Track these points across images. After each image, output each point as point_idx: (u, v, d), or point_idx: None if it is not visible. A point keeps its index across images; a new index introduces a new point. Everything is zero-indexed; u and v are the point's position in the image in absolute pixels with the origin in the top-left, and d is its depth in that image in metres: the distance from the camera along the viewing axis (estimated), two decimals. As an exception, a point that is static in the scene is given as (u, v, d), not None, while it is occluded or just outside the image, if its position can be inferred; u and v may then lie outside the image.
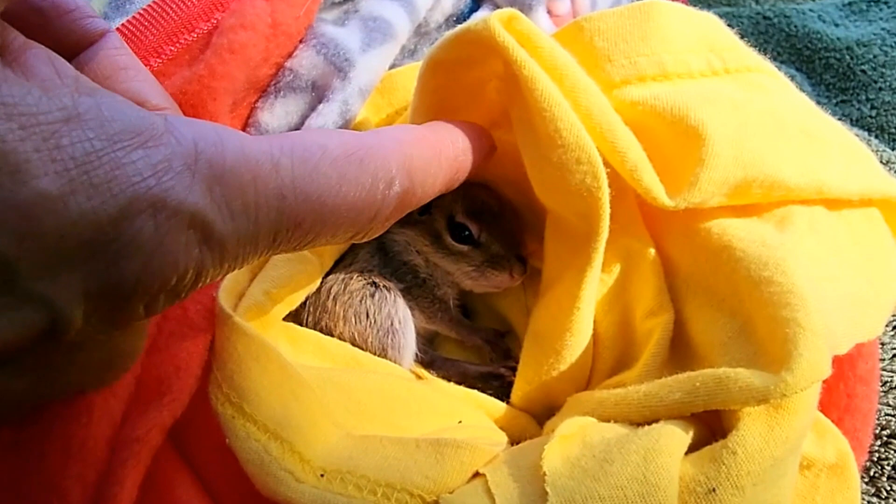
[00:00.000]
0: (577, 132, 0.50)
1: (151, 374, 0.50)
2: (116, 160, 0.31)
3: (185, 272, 0.35)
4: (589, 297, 0.56)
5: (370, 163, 0.42)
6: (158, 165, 0.33)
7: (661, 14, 0.56)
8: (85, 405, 0.46)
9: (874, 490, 0.61)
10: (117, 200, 0.31)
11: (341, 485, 0.47)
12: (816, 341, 0.43)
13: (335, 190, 0.40)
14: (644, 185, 0.53)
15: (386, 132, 0.46)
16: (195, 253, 0.35)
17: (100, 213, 0.31)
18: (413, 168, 0.45)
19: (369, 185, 0.42)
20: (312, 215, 0.40)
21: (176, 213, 0.33)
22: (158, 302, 0.36)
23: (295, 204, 0.38)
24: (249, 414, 0.48)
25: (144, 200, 0.32)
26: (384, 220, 0.45)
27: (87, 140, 0.31)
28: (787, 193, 0.54)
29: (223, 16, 0.63)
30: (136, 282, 0.33)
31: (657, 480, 0.42)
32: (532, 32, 0.51)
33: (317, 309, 0.64)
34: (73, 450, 0.45)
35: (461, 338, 0.69)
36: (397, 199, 0.44)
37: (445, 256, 0.67)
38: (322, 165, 0.40)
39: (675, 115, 0.53)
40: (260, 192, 0.37)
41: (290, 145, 0.39)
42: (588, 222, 0.54)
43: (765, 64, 0.59)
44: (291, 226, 0.39)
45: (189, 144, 0.34)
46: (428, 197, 0.48)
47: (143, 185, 0.32)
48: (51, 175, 0.30)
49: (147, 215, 0.32)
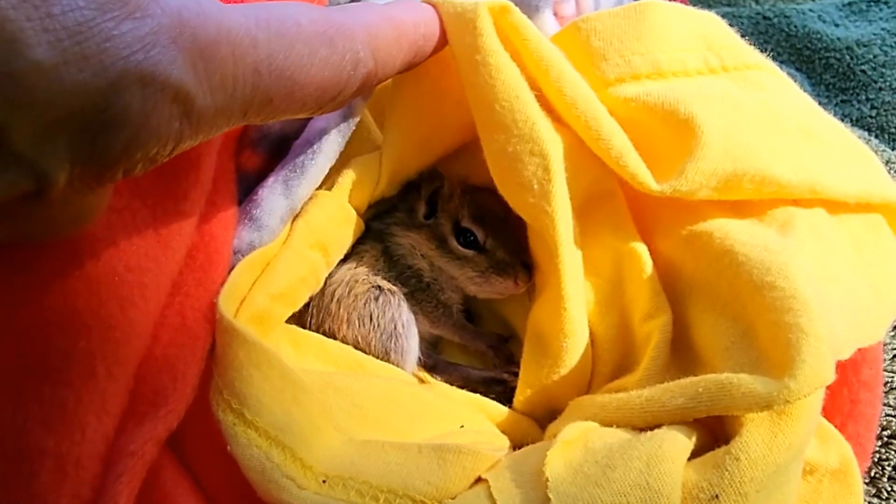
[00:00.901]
0: (532, 125, 0.52)
1: (147, 384, 0.49)
2: (107, 31, 0.32)
3: (166, 142, 0.36)
4: (574, 297, 0.56)
5: (339, 42, 0.44)
6: (146, 38, 0.33)
7: (657, 14, 0.57)
8: (78, 423, 0.45)
9: (875, 490, 0.61)
10: (108, 73, 0.32)
11: (343, 491, 0.47)
12: (820, 347, 0.43)
13: (306, 68, 0.42)
14: (630, 171, 0.54)
15: (352, 10, 0.47)
16: (176, 126, 0.36)
17: (91, 84, 0.31)
18: (377, 48, 0.47)
19: (337, 64, 0.44)
20: (283, 91, 0.41)
21: (163, 87, 0.34)
22: (137, 168, 0.37)
23: (269, 80, 0.40)
24: (251, 420, 0.48)
25: (134, 74, 0.33)
26: (347, 97, 0.47)
27: (78, 9, 0.31)
28: (780, 190, 0.54)
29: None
30: (122, 151, 0.34)
31: (660, 486, 0.42)
32: (521, 24, 0.53)
33: (320, 311, 0.64)
34: (67, 468, 0.45)
35: (465, 342, 0.69)
36: (361, 79, 0.47)
37: (450, 261, 0.67)
38: (296, 42, 0.41)
39: (667, 109, 0.54)
40: (238, 67, 0.38)
41: (266, 19, 0.40)
42: (541, 221, 0.55)
43: (765, 62, 0.59)
44: (263, 101, 0.40)
45: (174, 15, 0.35)
46: (386, 77, 0.50)
47: (133, 58, 0.32)
48: (44, 45, 0.30)
49: (136, 89, 0.33)
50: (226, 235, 0.57)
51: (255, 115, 0.41)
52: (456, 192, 0.67)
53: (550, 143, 0.53)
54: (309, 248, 0.59)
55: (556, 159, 0.53)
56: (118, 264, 0.47)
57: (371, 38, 0.47)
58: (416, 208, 0.68)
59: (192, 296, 0.53)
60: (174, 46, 0.34)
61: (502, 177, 0.55)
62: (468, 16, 0.52)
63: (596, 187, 0.56)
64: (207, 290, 0.54)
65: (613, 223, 0.59)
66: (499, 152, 0.54)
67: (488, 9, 0.52)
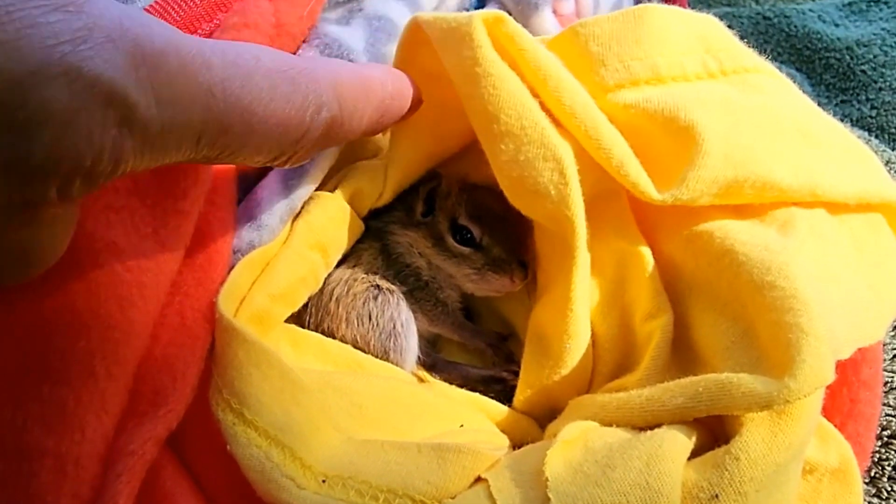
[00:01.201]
0: (542, 130, 0.52)
1: (147, 384, 0.49)
2: (30, 18, 0.30)
3: (101, 153, 0.34)
4: (581, 298, 0.56)
5: (302, 82, 0.43)
6: (78, 32, 0.31)
7: (655, 18, 0.57)
8: (77, 423, 0.45)
9: (875, 490, 0.61)
10: (27, 62, 0.30)
11: (343, 490, 0.47)
12: (820, 347, 0.43)
13: (266, 101, 0.40)
14: (631, 179, 0.53)
15: (319, 60, 0.47)
16: (112, 133, 0.34)
17: (6, 73, 0.30)
18: (343, 97, 0.46)
19: (299, 104, 0.43)
20: (240, 122, 0.39)
21: (93, 85, 0.32)
22: (73, 185, 0.34)
23: (224, 105, 0.38)
24: (250, 420, 0.48)
25: (58, 66, 0.31)
26: (310, 144, 0.45)
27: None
28: (780, 194, 0.54)
29: (225, 16, 0.62)
30: (47, 155, 0.32)
31: (660, 486, 0.42)
32: (517, 34, 0.53)
33: (319, 311, 0.64)
34: (66, 468, 0.45)
35: (464, 341, 0.69)
36: (325, 125, 0.45)
37: (447, 259, 0.67)
38: (254, 74, 0.40)
39: (667, 116, 0.53)
40: (189, 84, 0.36)
41: (222, 48, 0.39)
42: (561, 224, 0.55)
43: (764, 64, 0.59)
44: (219, 129, 0.39)
45: (114, 19, 0.33)
46: (354, 132, 0.49)
47: (59, 49, 0.31)
48: None
49: (60, 83, 0.31)
50: (225, 235, 0.57)
51: (209, 146, 0.39)
52: (454, 190, 0.67)
53: (562, 147, 0.53)
54: (309, 248, 0.60)
55: (569, 163, 0.53)
56: (117, 264, 0.47)
57: (336, 84, 0.46)
58: (414, 207, 0.68)
59: (191, 295, 0.53)
60: (111, 46, 0.33)
61: (515, 186, 0.55)
62: (464, 29, 0.52)
63: (599, 188, 0.56)
64: (207, 290, 0.54)
65: (616, 223, 0.59)
66: (509, 162, 0.53)
67: (482, 20, 0.52)
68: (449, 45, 0.54)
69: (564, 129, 0.54)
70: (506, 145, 0.53)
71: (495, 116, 0.52)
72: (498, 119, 0.52)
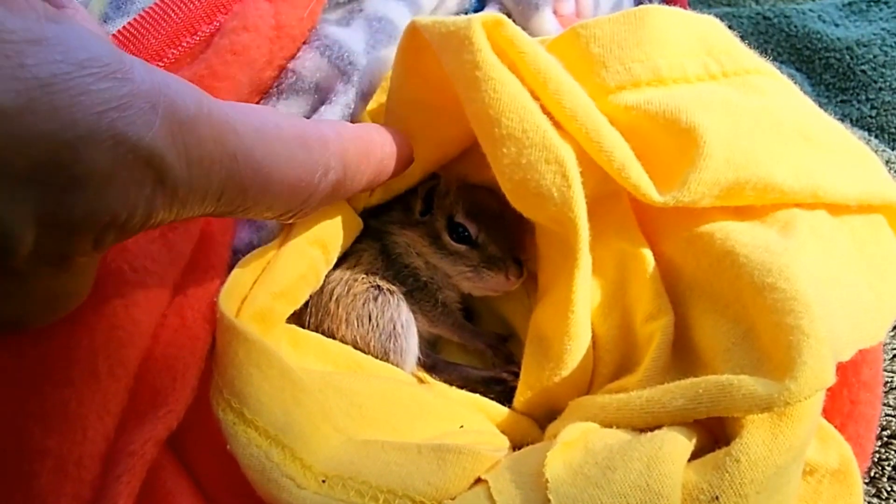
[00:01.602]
0: (544, 133, 0.52)
1: (147, 385, 0.49)
2: (83, 86, 0.32)
3: (136, 209, 0.36)
4: (582, 299, 0.56)
5: (315, 149, 0.47)
6: (124, 98, 0.33)
7: (656, 19, 0.57)
8: (79, 423, 0.45)
9: (875, 490, 0.61)
10: (78, 127, 0.32)
11: (343, 491, 0.47)
12: (820, 349, 0.43)
13: (283, 167, 0.44)
14: (632, 182, 0.53)
15: (328, 124, 0.50)
16: (147, 192, 0.36)
17: (59, 136, 0.31)
18: (348, 161, 0.50)
19: (311, 169, 0.46)
20: (258, 185, 0.42)
21: (135, 149, 0.34)
22: (108, 237, 0.36)
23: (246, 169, 0.41)
24: (250, 420, 0.48)
25: (106, 132, 0.32)
26: (315, 203, 0.49)
27: (55, 62, 0.31)
28: (782, 196, 0.54)
29: (225, 18, 0.62)
30: (89, 212, 0.34)
31: (660, 488, 0.42)
32: (516, 37, 0.53)
33: (319, 311, 0.64)
34: (68, 468, 0.45)
35: (463, 341, 0.69)
36: (330, 187, 0.49)
37: (444, 257, 0.67)
38: (276, 141, 0.43)
39: (668, 118, 0.53)
40: (217, 149, 0.39)
41: (247, 114, 0.42)
42: (565, 226, 0.55)
43: (765, 66, 0.59)
44: (238, 190, 0.41)
45: (155, 85, 0.35)
46: (353, 190, 0.53)
47: (107, 115, 0.32)
48: (10, 93, 0.30)
49: (107, 147, 0.33)
50: (224, 236, 0.57)
51: (227, 203, 0.42)
52: (452, 189, 0.67)
53: (564, 149, 0.53)
54: (309, 244, 0.59)
55: (571, 165, 0.53)
56: (123, 264, 0.48)
57: (343, 150, 0.49)
58: (412, 206, 0.68)
59: (191, 296, 0.53)
60: (152, 111, 0.35)
61: (518, 189, 0.54)
62: (463, 33, 0.52)
63: (601, 190, 0.56)
64: (207, 290, 0.54)
65: (618, 225, 0.59)
66: (512, 165, 0.53)
67: (482, 23, 0.52)
68: (448, 49, 0.54)
69: (565, 131, 0.54)
70: (507, 149, 0.53)
71: (496, 120, 0.52)
72: (499, 122, 0.52)
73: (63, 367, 0.45)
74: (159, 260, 0.50)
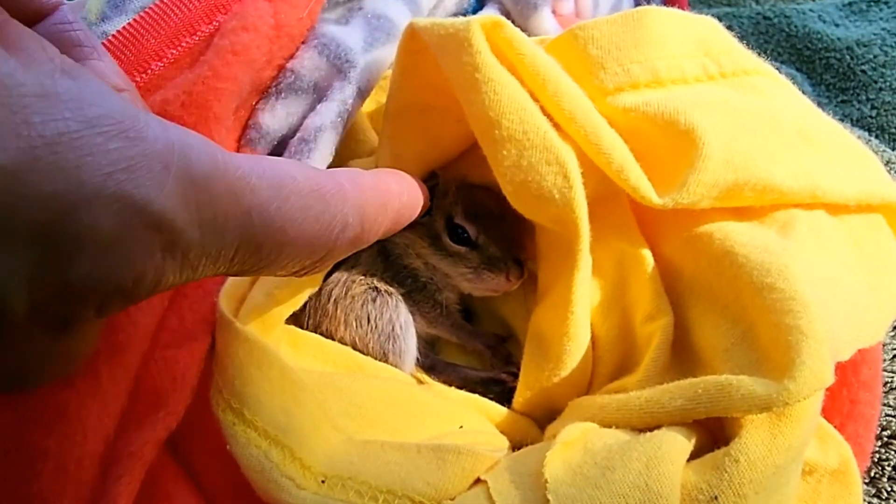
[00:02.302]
0: (544, 134, 0.52)
1: (147, 387, 0.49)
2: (91, 146, 0.30)
3: (143, 276, 0.34)
4: (582, 300, 0.56)
5: (332, 202, 0.43)
6: (133, 160, 0.31)
7: (654, 21, 0.56)
8: (79, 424, 0.45)
9: (875, 491, 0.61)
10: (82, 189, 0.30)
11: (342, 491, 0.47)
12: (819, 349, 0.43)
13: (298, 222, 0.41)
14: (631, 184, 0.53)
15: (344, 174, 0.47)
16: (157, 258, 0.34)
17: (61, 198, 0.29)
18: (365, 214, 0.47)
19: (328, 223, 0.43)
20: (272, 242, 0.40)
21: (142, 212, 0.32)
22: (112, 304, 0.34)
23: (261, 227, 0.38)
24: (250, 420, 0.48)
25: (111, 194, 0.31)
26: (333, 259, 0.46)
27: (63, 119, 0.29)
28: (781, 197, 0.54)
29: (225, 18, 0.62)
30: (90, 278, 0.32)
31: (659, 488, 0.42)
32: (515, 39, 0.52)
33: (317, 312, 0.64)
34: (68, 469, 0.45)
35: (462, 342, 0.69)
36: (348, 242, 0.46)
37: (443, 258, 0.67)
38: (291, 196, 0.40)
39: (666, 120, 0.53)
40: (231, 208, 0.36)
41: (263, 168, 0.39)
42: (566, 227, 0.55)
43: (763, 66, 0.59)
44: (252, 249, 0.39)
45: (169, 144, 0.33)
46: (370, 241, 0.49)
47: (115, 177, 0.31)
48: (11, 150, 0.28)
49: (111, 210, 0.31)
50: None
51: (241, 263, 0.39)
52: (451, 189, 0.66)
53: (565, 151, 0.53)
54: None
55: (572, 166, 0.53)
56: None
57: (361, 203, 0.46)
58: None
59: (189, 297, 0.53)
60: (164, 172, 0.33)
61: (519, 191, 0.54)
62: (462, 35, 0.52)
63: (601, 191, 0.56)
64: (205, 292, 0.54)
65: (618, 225, 0.59)
66: (512, 167, 0.53)
67: (480, 25, 0.52)
68: (447, 52, 0.54)
69: (565, 132, 0.54)
70: (508, 150, 0.53)
71: (497, 122, 0.52)
72: (500, 124, 0.52)
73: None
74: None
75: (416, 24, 0.56)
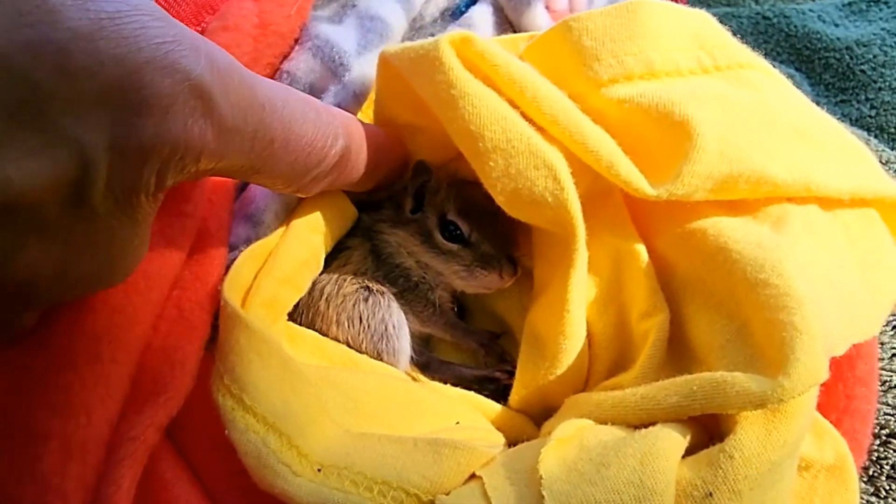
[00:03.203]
0: (528, 139, 0.52)
1: (147, 373, 0.50)
2: (142, 22, 0.37)
3: (190, 141, 0.40)
4: (577, 299, 0.56)
5: (324, 114, 0.51)
6: (174, 37, 0.38)
7: (649, 13, 0.57)
8: (83, 406, 0.46)
9: (873, 489, 0.61)
10: (142, 53, 0.37)
11: (338, 480, 0.47)
12: (814, 345, 0.43)
13: (300, 121, 0.48)
14: (622, 178, 0.53)
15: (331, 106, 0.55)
16: (200, 124, 0.40)
17: (127, 61, 0.36)
18: (351, 135, 0.54)
19: (323, 131, 0.50)
20: (282, 137, 0.47)
21: (186, 77, 0.39)
22: (168, 172, 0.40)
23: (272, 118, 0.46)
24: (249, 406, 0.48)
25: (163, 60, 0.37)
26: (322, 175, 0.53)
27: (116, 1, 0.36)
28: (775, 190, 0.54)
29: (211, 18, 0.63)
30: (154, 137, 0.38)
31: (654, 485, 0.42)
32: (486, 52, 0.53)
33: (309, 310, 0.63)
34: (72, 451, 0.45)
35: (456, 340, 0.68)
36: (338, 155, 0.53)
37: (436, 256, 0.66)
38: (291, 98, 0.48)
39: (661, 111, 0.53)
40: (249, 95, 0.44)
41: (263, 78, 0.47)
42: (562, 228, 0.55)
43: (758, 60, 0.59)
44: (267, 139, 0.46)
45: (194, 36, 0.40)
46: (357, 170, 0.56)
47: (164, 47, 0.38)
48: (83, 20, 0.35)
49: (165, 73, 0.38)
50: (221, 231, 0.58)
51: (257, 154, 0.46)
52: (443, 185, 0.66)
53: (552, 153, 0.53)
54: (310, 231, 0.60)
55: (561, 167, 0.53)
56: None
57: (347, 125, 0.54)
58: (403, 204, 0.67)
59: (188, 288, 0.54)
60: (197, 52, 0.40)
61: (512, 199, 0.54)
62: (432, 54, 0.53)
63: (593, 188, 0.56)
64: (204, 283, 0.55)
65: (612, 222, 0.59)
66: (502, 177, 0.53)
67: (449, 42, 0.53)
68: (419, 73, 0.54)
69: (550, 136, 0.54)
70: (495, 161, 0.53)
71: (479, 134, 0.52)
72: (482, 136, 0.52)
73: (66, 350, 0.46)
74: (158, 251, 0.52)
75: (386, 53, 0.58)
